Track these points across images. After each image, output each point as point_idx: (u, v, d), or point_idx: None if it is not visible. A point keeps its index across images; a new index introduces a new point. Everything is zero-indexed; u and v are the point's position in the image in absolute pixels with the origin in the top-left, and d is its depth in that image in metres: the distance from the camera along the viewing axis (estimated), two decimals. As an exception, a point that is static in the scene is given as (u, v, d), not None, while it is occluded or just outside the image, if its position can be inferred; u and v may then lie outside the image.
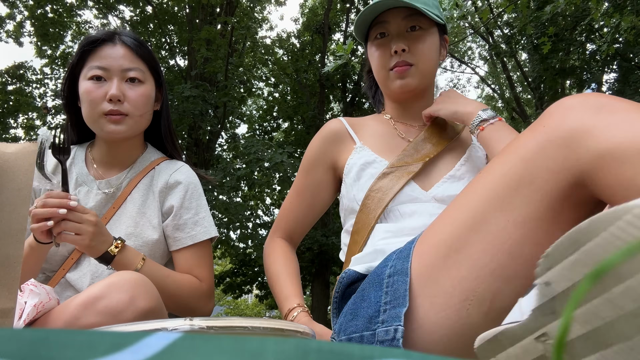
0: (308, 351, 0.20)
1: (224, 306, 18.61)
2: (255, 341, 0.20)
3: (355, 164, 1.06)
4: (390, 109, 1.19)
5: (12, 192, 0.55)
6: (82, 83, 1.09)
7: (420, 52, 1.07)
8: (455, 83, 16.54)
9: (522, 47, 9.18)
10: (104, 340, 0.19)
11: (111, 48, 1.10)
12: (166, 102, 1.23)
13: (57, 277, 1.07)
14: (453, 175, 1.02)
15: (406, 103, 1.16)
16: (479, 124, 1.00)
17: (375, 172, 1.03)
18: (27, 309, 0.77)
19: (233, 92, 8.92)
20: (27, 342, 0.19)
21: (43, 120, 9.40)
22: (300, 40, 12.21)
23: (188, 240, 1.11)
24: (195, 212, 1.14)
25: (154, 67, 1.17)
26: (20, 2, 8.92)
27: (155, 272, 1.01)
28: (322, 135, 1.15)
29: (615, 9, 4.71)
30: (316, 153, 1.15)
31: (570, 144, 0.59)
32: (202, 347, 0.19)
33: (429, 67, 1.10)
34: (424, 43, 1.07)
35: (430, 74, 1.12)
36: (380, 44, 1.10)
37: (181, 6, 9.69)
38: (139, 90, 1.10)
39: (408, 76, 1.07)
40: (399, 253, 0.76)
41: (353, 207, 1.05)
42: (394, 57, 1.07)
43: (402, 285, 0.70)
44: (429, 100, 1.17)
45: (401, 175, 1.01)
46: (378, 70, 1.11)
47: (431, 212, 0.96)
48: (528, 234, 0.62)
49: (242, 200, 8.63)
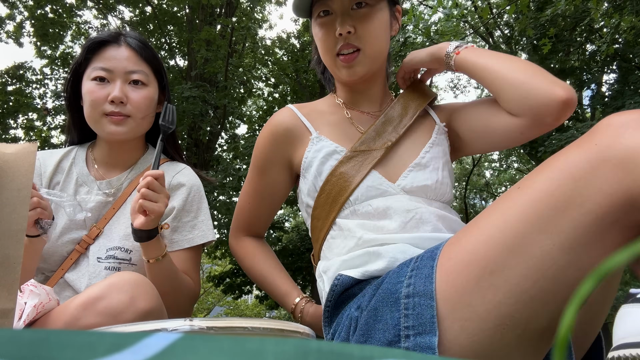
0: (308, 351, 0.20)
1: (224, 307, 18.58)
2: (255, 341, 0.20)
3: (315, 157, 0.99)
4: (342, 92, 1.12)
5: (11, 192, 0.55)
6: (86, 83, 1.10)
7: (367, 34, 0.98)
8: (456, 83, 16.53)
9: (522, 47, 9.19)
10: (103, 340, 0.19)
11: (116, 49, 1.10)
12: (169, 98, 1.23)
13: (55, 277, 1.07)
14: (418, 163, 0.96)
15: (357, 87, 1.08)
16: (453, 50, 0.98)
17: (337, 160, 0.98)
18: (27, 309, 0.77)
19: (233, 93, 8.92)
20: (27, 343, 0.19)
21: (43, 121, 9.41)
22: (300, 41, 12.21)
23: (185, 243, 1.11)
24: (194, 215, 1.14)
25: (158, 69, 1.17)
26: (20, 3, 8.92)
27: (172, 265, 1.02)
28: (273, 133, 1.07)
29: (615, 9, 4.72)
30: (268, 153, 1.07)
31: (626, 164, 0.56)
32: (202, 348, 0.19)
33: (379, 49, 1.01)
34: (372, 22, 0.98)
35: (381, 56, 1.04)
36: (323, 24, 1.00)
37: (181, 6, 9.69)
38: (141, 93, 1.10)
39: (356, 65, 0.99)
40: (417, 270, 0.71)
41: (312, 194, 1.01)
42: (339, 39, 0.98)
43: (428, 310, 0.65)
44: (381, 82, 1.10)
45: (363, 161, 0.95)
46: (324, 54, 1.03)
47: (407, 208, 0.91)
48: (574, 260, 0.59)
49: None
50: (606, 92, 9.06)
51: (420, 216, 0.90)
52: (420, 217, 0.90)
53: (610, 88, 8.63)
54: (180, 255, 1.11)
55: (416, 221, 0.90)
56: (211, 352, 0.19)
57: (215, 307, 18.72)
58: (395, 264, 0.83)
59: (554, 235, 0.59)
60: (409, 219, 0.90)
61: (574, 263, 0.59)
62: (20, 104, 8.90)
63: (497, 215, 0.65)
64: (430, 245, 0.87)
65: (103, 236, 1.09)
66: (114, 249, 1.07)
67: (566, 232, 0.59)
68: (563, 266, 0.59)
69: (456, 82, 13.92)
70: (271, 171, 1.08)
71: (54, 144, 9.31)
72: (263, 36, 11.69)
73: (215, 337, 0.20)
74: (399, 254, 0.84)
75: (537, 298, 0.60)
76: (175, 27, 10.04)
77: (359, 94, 1.09)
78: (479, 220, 0.68)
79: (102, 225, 1.10)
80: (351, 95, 1.10)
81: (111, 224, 1.10)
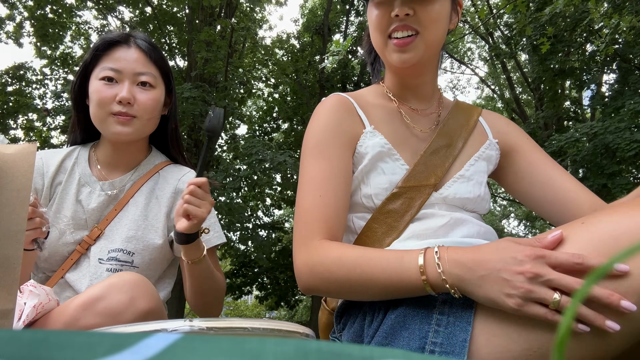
0: (308, 352, 0.20)
1: (224, 307, 18.59)
2: (255, 342, 0.20)
3: (368, 151, 0.92)
4: (390, 82, 1.04)
5: (11, 193, 0.55)
6: (93, 82, 1.10)
7: (427, 18, 0.90)
8: (455, 84, 16.54)
9: (522, 48, 9.19)
10: (103, 341, 0.19)
11: (125, 50, 1.11)
12: (175, 106, 1.23)
13: (56, 277, 1.07)
14: (462, 175, 0.94)
15: (407, 81, 1.02)
16: None
17: (388, 169, 0.92)
18: (27, 310, 0.77)
19: (233, 93, 8.93)
20: (27, 344, 0.19)
21: (43, 122, 9.41)
22: (300, 41, 12.21)
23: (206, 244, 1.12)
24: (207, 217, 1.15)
25: (166, 72, 1.17)
26: (20, 3, 8.92)
27: (210, 265, 1.05)
28: (334, 108, 0.97)
29: (615, 9, 4.72)
30: (334, 128, 0.94)
31: None
32: (201, 348, 0.19)
33: (437, 37, 0.93)
34: (433, 7, 0.90)
35: (438, 45, 0.96)
36: (380, 3, 0.92)
37: (181, 7, 9.69)
38: (149, 95, 1.10)
39: (411, 49, 0.91)
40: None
41: (356, 200, 0.93)
42: (394, 20, 0.90)
43: (462, 334, 0.66)
44: (432, 77, 1.03)
45: (413, 197, 0.91)
46: (375, 35, 0.95)
47: (442, 214, 0.90)
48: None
49: (242, 201, 8.63)
50: (606, 92, 9.06)
51: (455, 221, 0.90)
52: (456, 221, 0.90)
53: (610, 88, 8.63)
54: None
55: (451, 225, 0.89)
56: (211, 352, 0.19)
57: (215, 307, 18.73)
58: None
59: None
60: (444, 222, 0.89)
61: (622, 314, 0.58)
62: (20, 104, 8.90)
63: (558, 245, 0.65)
64: None
65: (104, 237, 1.09)
66: (116, 251, 1.07)
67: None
68: None
69: (456, 82, 13.92)
70: (338, 149, 0.92)
71: (54, 145, 9.31)
72: (263, 37, 11.70)
73: (214, 338, 0.20)
74: None
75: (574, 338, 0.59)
76: (175, 28, 10.05)
77: (408, 90, 1.03)
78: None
79: (103, 226, 1.09)
80: (400, 89, 1.03)
81: (112, 225, 1.10)
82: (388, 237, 0.89)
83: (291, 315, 16.05)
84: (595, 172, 7.29)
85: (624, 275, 0.58)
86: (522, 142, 1.04)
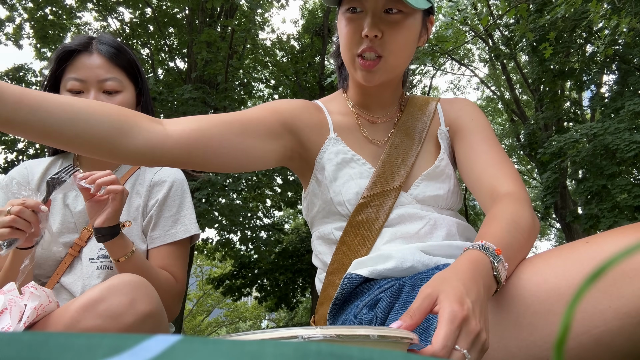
0: (307, 354, 0.20)
1: (224, 309, 18.54)
2: (254, 344, 0.20)
3: (331, 160, 0.95)
4: (354, 93, 1.06)
5: None
6: (62, 94, 1.10)
7: (394, 42, 0.91)
8: (456, 85, 16.56)
9: (522, 49, 9.20)
10: (103, 343, 0.19)
11: (87, 58, 1.10)
12: (147, 102, 1.22)
13: (51, 281, 1.07)
14: (430, 173, 0.96)
15: (370, 90, 1.03)
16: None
17: (355, 174, 0.95)
18: (27, 311, 0.77)
19: (233, 94, 8.93)
20: (27, 345, 0.19)
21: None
22: (300, 43, 12.22)
23: (167, 238, 1.12)
24: (177, 209, 1.15)
25: (132, 72, 1.16)
26: (19, 5, 8.93)
27: (141, 263, 1.01)
28: (304, 103, 1.01)
29: (614, 11, 4.72)
30: (288, 108, 0.96)
31: None
32: (201, 350, 0.19)
33: (402, 60, 0.96)
34: (401, 31, 0.91)
35: (402, 66, 0.99)
36: (351, 20, 0.92)
37: (181, 8, 9.70)
38: (115, 101, 1.10)
39: (375, 72, 0.93)
40: None
41: (331, 209, 0.96)
42: (364, 40, 0.91)
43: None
44: (395, 88, 1.06)
45: (381, 203, 0.93)
46: (344, 51, 0.96)
47: (419, 216, 0.91)
48: (625, 327, 0.57)
49: (242, 203, 8.62)
50: (606, 93, 9.07)
51: (434, 222, 0.91)
52: (434, 223, 0.91)
53: (610, 89, 8.64)
54: (162, 250, 1.11)
55: (430, 227, 0.91)
56: (210, 354, 0.19)
57: (215, 309, 18.69)
58: (404, 264, 0.85)
59: (614, 299, 0.57)
60: (422, 225, 0.90)
61: (625, 331, 0.57)
62: (20, 106, 8.88)
63: (558, 262, 0.64)
64: (443, 252, 0.88)
65: (94, 237, 1.09)
66: (105, 249, 1.07)
67: (626, 299, 0.57)
68: (612, 331, 0.57)
69: (456, 82, 13.93)
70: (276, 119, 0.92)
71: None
72: (263, 38, 11.71)
73: (214, 340, 0.20)
74: (408, 255, 0.86)
75: (573, 352, 0.58)
76: (175, 29, 10.05)
77: (370, 98, 1.05)
78: (535, 261, 0.67)
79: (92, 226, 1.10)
80: (362, 97, 1.05)
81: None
82: (362, 247, 0.92)
83: (291, 316, 16.03)
84: (594, 173, 7.30)
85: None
86: (468, 125, 1.01)
